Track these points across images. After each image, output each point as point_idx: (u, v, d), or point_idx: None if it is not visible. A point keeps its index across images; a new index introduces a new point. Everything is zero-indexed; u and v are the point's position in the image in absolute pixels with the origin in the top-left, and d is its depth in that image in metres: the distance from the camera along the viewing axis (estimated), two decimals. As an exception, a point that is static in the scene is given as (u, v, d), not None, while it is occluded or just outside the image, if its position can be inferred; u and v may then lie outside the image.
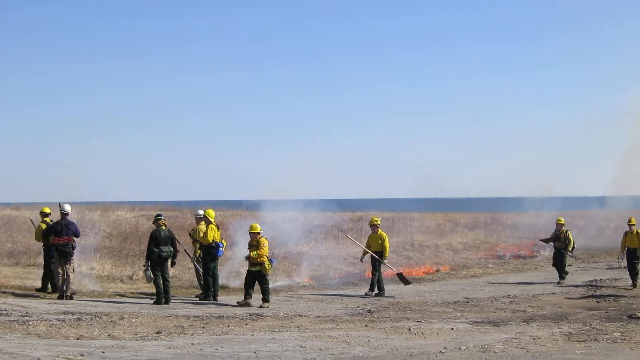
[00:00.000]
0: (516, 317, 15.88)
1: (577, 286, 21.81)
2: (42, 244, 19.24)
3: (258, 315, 15.66)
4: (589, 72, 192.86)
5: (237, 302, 17.49)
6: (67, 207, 18.62)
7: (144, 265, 18.25)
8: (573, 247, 23.20)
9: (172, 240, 18.09)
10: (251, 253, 17.54)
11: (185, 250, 19.21)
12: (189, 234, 20.59)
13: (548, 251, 31.84)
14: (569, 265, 27.95)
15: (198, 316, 15.34)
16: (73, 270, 18.16)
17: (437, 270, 26.81)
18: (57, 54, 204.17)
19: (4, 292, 18.29)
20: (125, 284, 20.93)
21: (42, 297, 17.93)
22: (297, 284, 22.40)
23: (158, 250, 17.71)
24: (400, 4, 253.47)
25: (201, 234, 18.62)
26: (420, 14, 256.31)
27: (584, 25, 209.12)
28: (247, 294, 17.58)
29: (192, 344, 11.74)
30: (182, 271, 22.01)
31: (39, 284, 19.44)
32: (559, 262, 23.16)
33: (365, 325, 14.43)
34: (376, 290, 19.78)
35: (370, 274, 20.48)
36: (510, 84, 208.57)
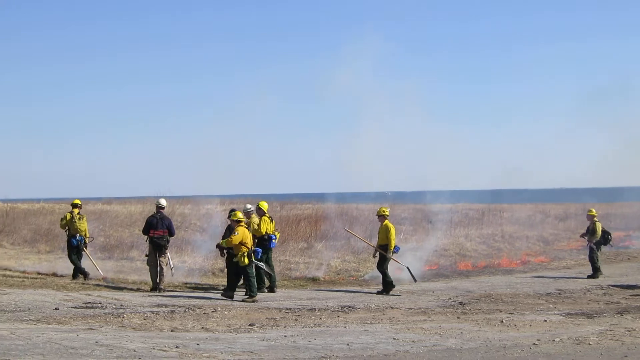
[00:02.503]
0: (610, 308, 15.56)
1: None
2: (67, 235, 20.41)
3: (350, 307, 15.71)
4: None
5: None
6: (163, 202, 19.08)
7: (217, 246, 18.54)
8: (601, 237, 22.29)
9: None
10: (221, 241, 17.45)
11: None
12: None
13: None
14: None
15: (290, 308, 15.48)
16: (167, 264, 18.56)
17: (528, 262, 26.41)
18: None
19: (98, 286, 18.80)
20: (217, 277, 21.22)
21: (135, 290, 18.32)
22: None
23: None
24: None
25: (255, 226, 18.63)
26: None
27: None
28: (230, 287, 17.21)
29: (285, 336, 11.86)
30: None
31: (132, 277, 19.99)
32: (589, 255, 22.46)
33: (457, 317, 14.35)
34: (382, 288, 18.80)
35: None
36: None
